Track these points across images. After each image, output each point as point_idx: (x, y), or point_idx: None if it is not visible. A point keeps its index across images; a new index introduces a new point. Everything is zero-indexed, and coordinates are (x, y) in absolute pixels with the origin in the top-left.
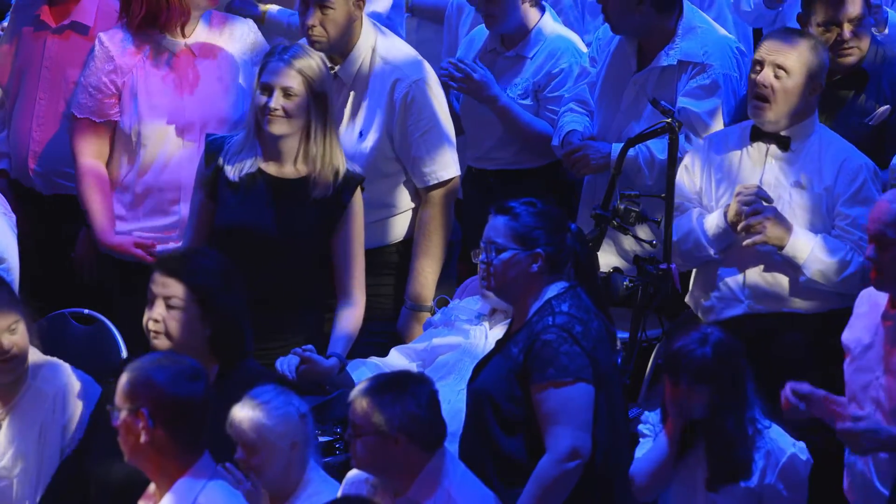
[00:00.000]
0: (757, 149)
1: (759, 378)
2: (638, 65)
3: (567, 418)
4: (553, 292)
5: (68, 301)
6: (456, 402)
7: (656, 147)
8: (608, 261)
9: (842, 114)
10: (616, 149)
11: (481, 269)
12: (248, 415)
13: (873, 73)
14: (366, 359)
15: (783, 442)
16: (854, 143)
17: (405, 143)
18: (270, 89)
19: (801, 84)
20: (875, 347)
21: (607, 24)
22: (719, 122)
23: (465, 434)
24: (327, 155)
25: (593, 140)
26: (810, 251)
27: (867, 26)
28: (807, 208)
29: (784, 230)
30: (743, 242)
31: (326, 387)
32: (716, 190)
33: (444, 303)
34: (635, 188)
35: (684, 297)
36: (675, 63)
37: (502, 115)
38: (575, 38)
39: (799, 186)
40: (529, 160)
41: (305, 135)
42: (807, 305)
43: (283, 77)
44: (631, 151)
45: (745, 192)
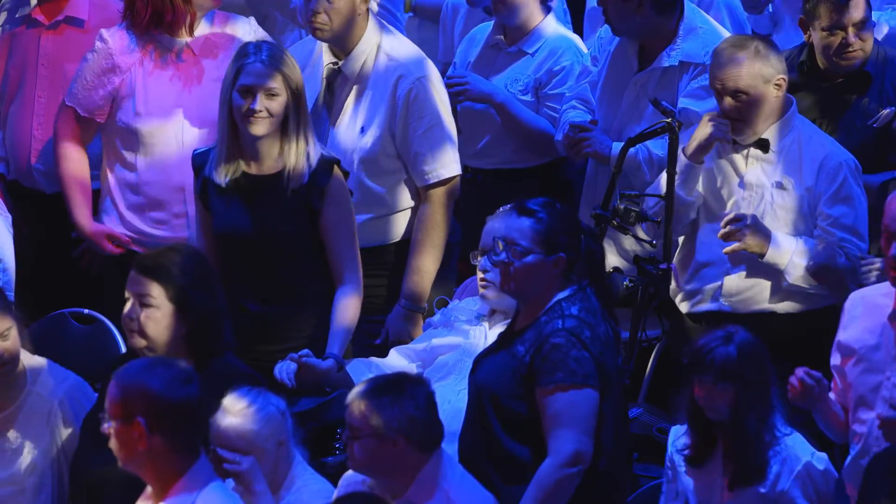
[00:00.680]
0: (739, 153)
1: None
2: (639, 65)
3: (572, 422)
4: (563, 293)
5: (68, 301)
6: (456, 402)
7: (655, 146)
8: (608, 261)
9: (846, 117)
10: (617, 147)
11: (496, 269)
12: (233, 422)
13: (876, 74)
14: (365, 359)
15: (801, 450)
16: (858, 144)
17: (406, 140)
18: (252, 91)
19: (763, 93)
20: (883, 348)
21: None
22: None
23: (466, 430)
24: (301, 147)
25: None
26: (790, 257)
27: (870, 28)
28: (789, 209)
29: (763, 237)
30: (723, 251)
31: (326, 387)
32: (703, 188)
33: (443, 303)
34: (635, 187)
35: None
36: (677, 64)
37: (501, 111)
38: (576, 38)
39: (780, 187)
40: (526, 159)
41: (283, 131)
42: (782, 307)
43: (266, 78)
44: (630, 150)
45: (716, 118)
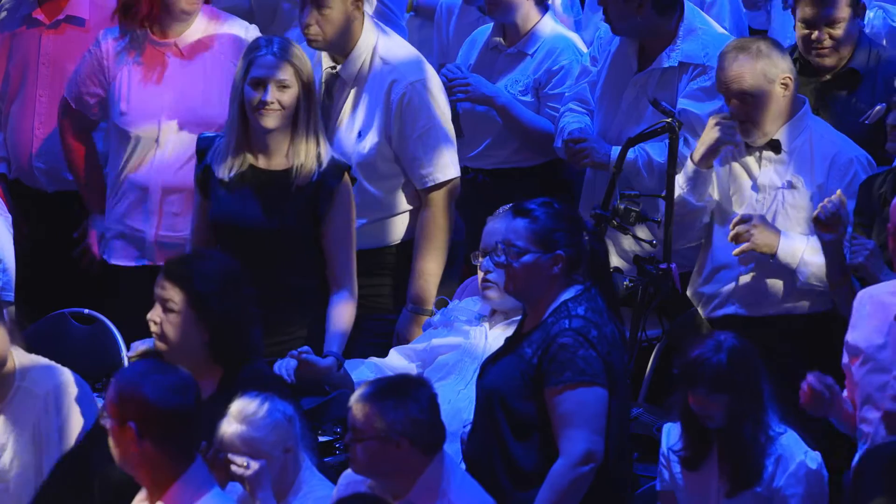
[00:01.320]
0: (752, 156)
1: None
2: (639, 65)
3: (582, 421)
4: (569, 294)
5: (68, 301)
6: (456, 402)
7: (654, 150)
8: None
9: (836, 113)
10: (616, 152)
11: (498, 271)
12: (238, 429)
13: (868, 73)
14: (366, 359)
15: (795, 449)
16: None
17: (402, 144)
18: (264, 83)
19: (769, 93)
20: (890, 347)
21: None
22: None
23: (474, 434)
24: (312, 144)
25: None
26: (801, 255)
27: (851, 32)
28: (800, 207)
29: (773, 236)
30: (733, 252)
31: (326, 387)
32: (715, 191)
33: (443, 303)
34: (635, 188)
35: (685, 297)
36: (676, 64)
37: (503, 113)
38: (574, 37)
39: (791, 187)
40: (526, 159)
41: (293, 125)
42: (795, 307)
43: (277, 70)
44: (630, 154)
45: (722, 120)
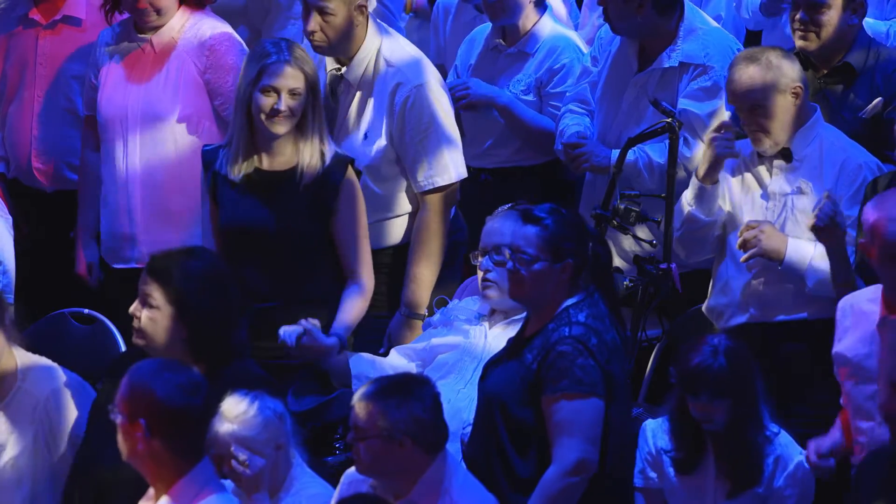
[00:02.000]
0: (763, 165)
1: (767, 388)
2: (639, 65)
3: (577, 431)
4: (572, 300)
5: (68, 301)
6: (456, 401)
7: (655, 151)
8: None
9: (833, 108)
10: (615, 154)
11: (499, 270)
12: (229, 429)
13: (865, 71)
14: (367, 355)
15: (792, 449)
16: (849, 135)
17: (404, 147)
18: (276, 91)
19: (779, 103)
20: (875, 356)
21: (608, 25)
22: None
23: (474, 436)
24: (316, 142)
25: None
26: (810, 260)
27: (843, 25)
28: (809, 213)
29: (781, 242)
30: (741, 259)
31: (330, 381)
32: (727, 200)
33: (443, 303)
34: (635, 185)
35: (684, 297)
36: (677, 65)
37: (504, 113)
38: (574, 36)
39: (800, 192)
40: (527, 158)
41: (299, 126)
42: (808, 312)
43: (289, 78)
44: (630, 155)
45: (715, 134)
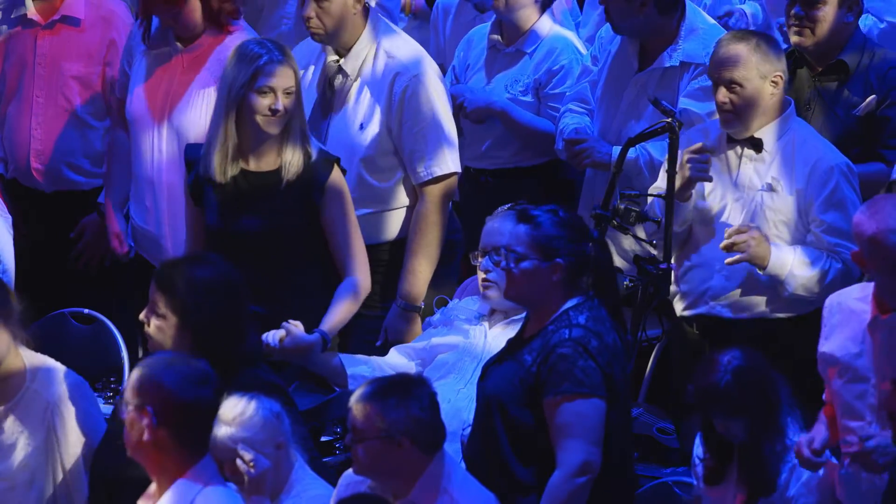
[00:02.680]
0: (732, 151)
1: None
2: (640, 65)
3: (579, 432)
4: (571, 302)
5: (68, 301)
6: (456, 401)
7: (656, 149)
8: None
9: (827, 105)
10: (616, 152)
11: (496, 270)
12: (227, 432)
13: (859, 69)
14: (365, 356)
15: None
16: (840, 134)
17: (402, 137)
18: (273, 91)
19: (758, 88)
20: (866, 356)
21: (608, 25)
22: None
23: (473, 437)
24: (300, 141)
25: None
26: (790, 268)
27: (838, 23)
28: (778, 210)
29: (766, 249)
30: (725, 261)
31: (310, 366)
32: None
33: (443, 303)
34: (635, 184)
35: None
36: (678, 64)
37: (502, 116)
38: (573, 36)
39: (770, 189)
40: (527, 159)
41: (286, 126)
42: (773, 311)
43: (283, 77)
44: (631, 153)
45: (692, 155)
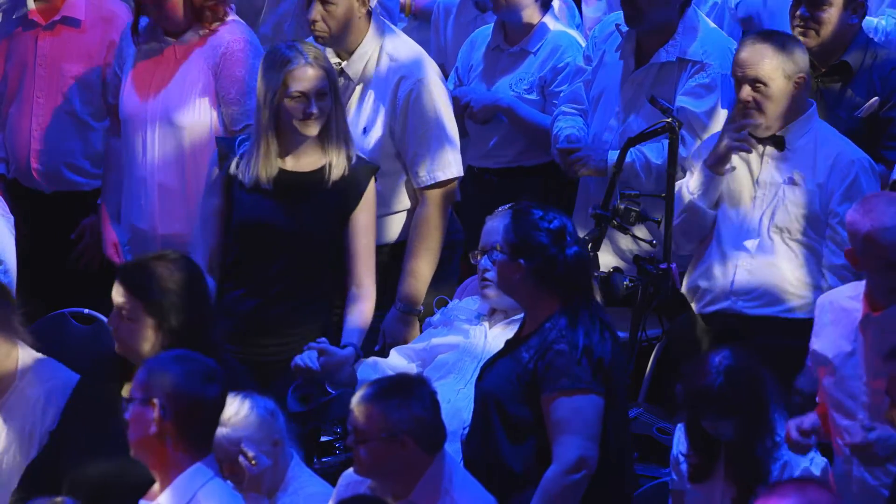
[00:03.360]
0: (754, 150)
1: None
2: (636, 63)
3: (576, 428)
4: (567, 303)
5: (68, 301)
6: (456, 401)
7: (652, 152)
8: (608, 261)
9: (829, 106)
10: (612, 156)
11: (493, 273)
12: (222, 433)
13: (862, 70)
14: (369, 359)
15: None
16: (844, 134)
17: (405, 141)
18: (306, 95)
19: (783, 87)
20: (858, 354)
21: (602, 23)
22: (718, 122)
23: (471, 437)
24: (342, 142)
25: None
26: None
27: (842, 24)
28: (800, 205)
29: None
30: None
31: (331, 383)
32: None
33: (443, 303)
34: (634, 184)
35: (685, 297)
36: (675, 60)
37: (508, 114)
38: (576, 34)
39: (792, 183)
40: (531, 158)
41: (324, 127)
42: (787, 308)
43: (315, 80)
44: (627, 157)
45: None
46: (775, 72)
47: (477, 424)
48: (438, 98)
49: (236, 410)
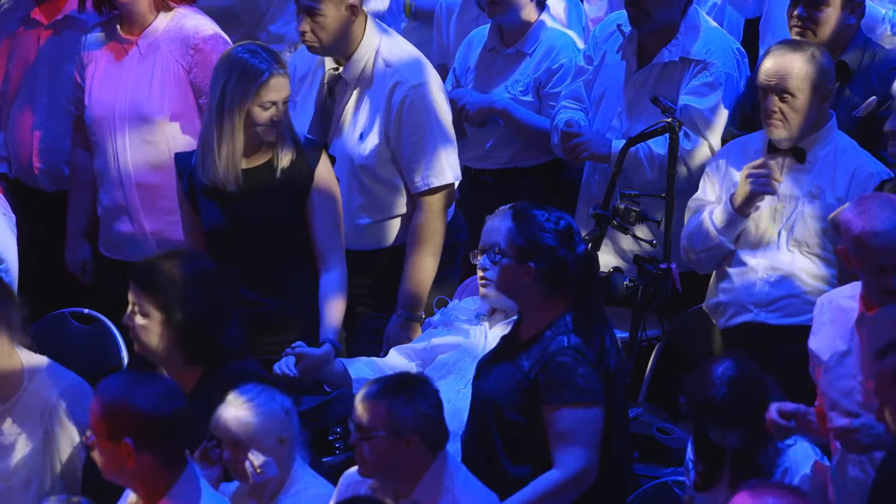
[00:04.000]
0: (774, 162)
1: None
2: (638, 64)
3: (580, 439)
4: (569, 312)
5: (68, 301)
6: (456, 401)
7: (656, 143)
8: (608, 261)
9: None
10: (616, 145)
11: (492, 273)
12: (234, 414)
13: (860, 70)
14: (366, 358)
15: (803, 460)
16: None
17: (399, 147)
18: (275, 104)
19: (809, 99)
20: (854, 353)
21: (602, 23)
22: (721, 119)
23: (469, 439)
24: (286, 132)
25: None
26: None
27: (840, 25)
28: (819, 218)
29: None
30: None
31: (325, 386)
32: (736, 195)
33: (443, 303)
34: (634, 184)
35: (684, 297)
36: (677, 59)
37: (504, 116)
38: (572, 34)
39: (812, 197)
40: (528, 158)
41: None
42: (809, 316)
43: (284, 89)
44: (630, 148)
45: (753, 170)
46: (804, 83)
47: (474, 426)
48: (434, 103)
49: (252, 397)
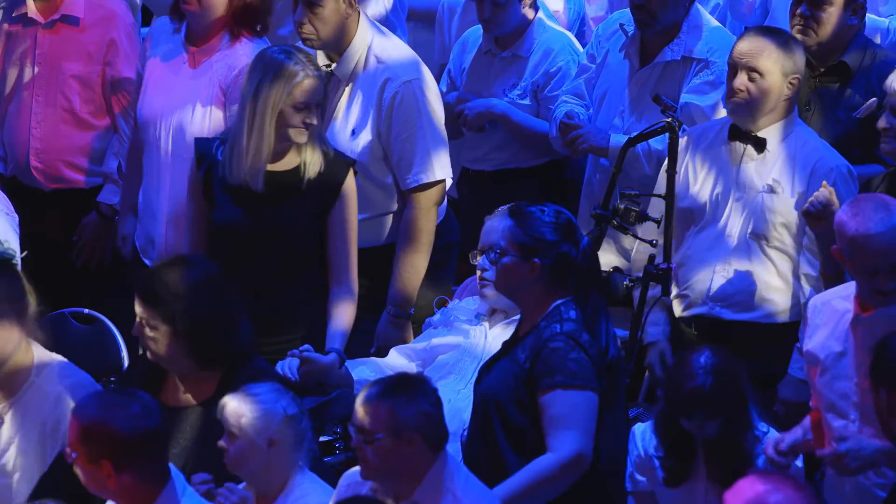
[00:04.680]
0: (734, 148)
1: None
2: (640, 62)
3: (574, 423)
4: (562, 299)
5: (68, 301)
6: (456, 401)
7: (655, 140)
8: (608, 260)
9: (827, 106)
10: (615, 138)
11: (491, 272)
12: (234, 405)
13: (861, 71)
14: (366, 358)
15: None
16: (841, 136)
17: (390, 143)
18: (308, 106)
19: (777, 84)
20: (850, 354)
21: (605, 22)
22: (721, 116)
23: (471, 440)
24: (316, 139)
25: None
26: None
27: (842, 25)
28: (779, 212)
29: None
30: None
31: (325, 386)
32: (693, 184)
33: (443, 303)
34: (633, 181)
35: None
36: (679, 58)
37: (502, 120)
38: (570, 35)
39: (771, 191)
40: (527, 159)
41: None
42: (761, 314)
43: (318, 92)
44: None
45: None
46: (774, 66)
47: (476, 427)
48: (425, 101)
49: (256, 391)
